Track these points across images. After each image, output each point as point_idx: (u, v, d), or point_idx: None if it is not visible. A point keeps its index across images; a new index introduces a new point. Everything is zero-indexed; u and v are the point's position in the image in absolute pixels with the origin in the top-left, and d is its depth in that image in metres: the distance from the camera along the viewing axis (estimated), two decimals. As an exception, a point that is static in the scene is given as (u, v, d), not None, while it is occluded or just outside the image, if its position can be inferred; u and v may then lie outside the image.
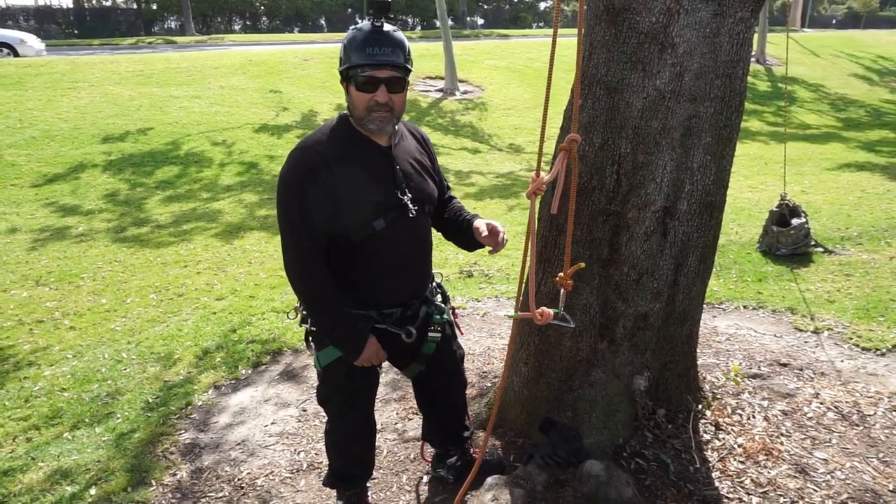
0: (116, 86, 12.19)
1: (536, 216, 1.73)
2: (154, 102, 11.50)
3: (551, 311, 1.81)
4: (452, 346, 2.41)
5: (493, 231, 2.12)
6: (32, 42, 17.02)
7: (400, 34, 1.98)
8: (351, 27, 2.01)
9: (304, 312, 2.17)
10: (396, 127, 2.12)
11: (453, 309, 2.42)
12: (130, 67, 13.39)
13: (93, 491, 2.72)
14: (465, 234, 2.24)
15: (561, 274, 1.87)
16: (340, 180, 1.97)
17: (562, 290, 1.87)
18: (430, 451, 2.73)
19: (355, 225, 2.01)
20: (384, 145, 2.07)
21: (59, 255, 5.98)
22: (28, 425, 3.26)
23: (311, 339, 2.19)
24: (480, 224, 2.16)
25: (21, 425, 3.26)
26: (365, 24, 1.97)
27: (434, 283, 2.35)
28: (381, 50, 1.91)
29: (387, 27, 1.95)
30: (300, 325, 2.22)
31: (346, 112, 2.09)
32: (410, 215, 2.06)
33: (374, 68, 1.91)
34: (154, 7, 39.91)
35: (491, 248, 2.15)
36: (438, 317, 2.28)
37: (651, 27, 2.22)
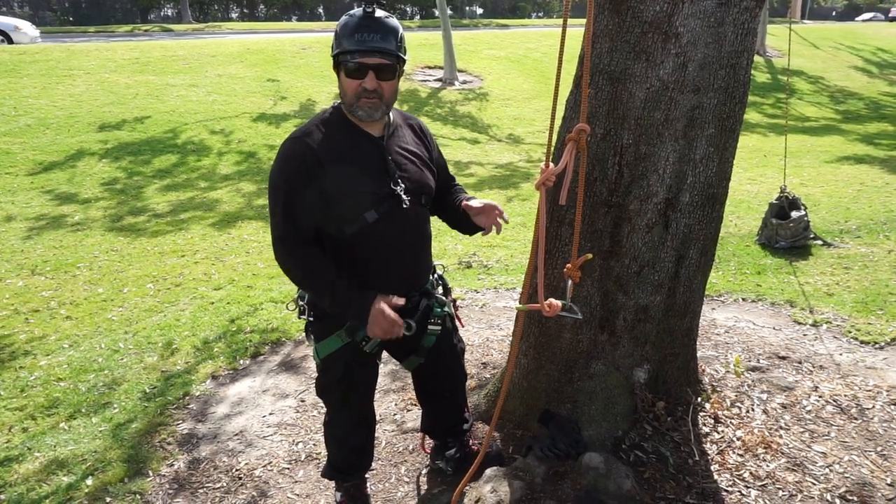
0: (112, 73, 12.09)
1: (545, 208, 1.71)
2: (151, 90, 11.42)
3: (559, 303, 1.80)
4: (453, 340, 2.39)
5: (486, 209, 2.10)
6: (27, 29, 16.88)
7: (392, 21, 1.97)
8: (345, 14, 1.99)
9: (302, 304, 2.16)
10: (391, 117, 2.10)
11: (454, 301, 2.40)
12: (127, 55, 13.28)
13: (89, 481, 2.70)
14: (463, 218, 2.22)
15: (569, 265, 1.85)
16: (330, 172, 1.95)
17: (569, 282, 1.86)
18: (429, 442, 2.72)
19: (346, 217, 1.99)
20: (376, 135, 2.05)
21: (56, 243, 5.95)
22: (24, 415, 3.24)
23: (310, 330, 2.18)
24: (474, 202, 2.13)
25: (17, 415, 3.25)
26: (357, 10, 1.95)
27: (435, 275, 2.33)
28: (371, 36, 1.89)
29: (379, 13, 1.94)
30: (298, 318, 2.21)
31: (340, 102, 2.07)
32: (404, 206, 2.04)
33: (364, 55, 1.90)
34: (150, -6, 39.58)
35: (484, 231, 2.13)
36: (439, 309, 2.27)
37: (655, 16, 2.19)
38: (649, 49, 2.23)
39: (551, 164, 1.79)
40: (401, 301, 2.02)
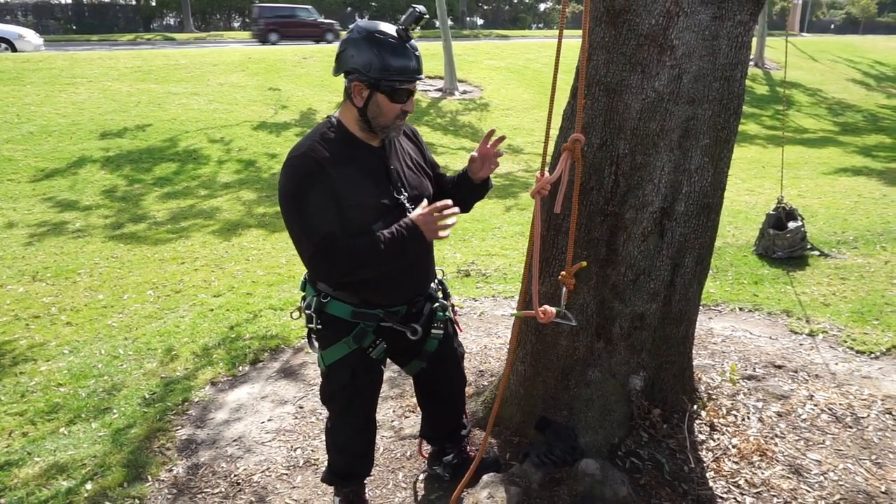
0: (115, 82, 12.17)
1: (540, 216, 1.75)
2: (152, 99, 11.49)
3: (553, 310, 1.83)
4: (454, 344, 2.43)
5: (482, 155, 2.16)
6: (31, 37, 17.03)
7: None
8: (372, 30, 1.94)
9: (309, 313, 2.16)
10: None
11: (452, 306, 2.43)
12: (129, 64, 13.38)
13: (89, 486, 2.72)
14: (461, 185, 2.27)
15: (563, 272, 1.89)
16: (338, 185, 1.96)
17: (563, 289, 1.89)
18: (426, 448, 2.74)
19: (354, 229, 2.01)
20: (376, 146, 2.09)
21: (56, 250, 5.98)
22: (24, 420, 3.26)
23: (314, 337, 2.20)
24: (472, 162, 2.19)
25: (17, 420, 3.26)
26: (389, 30, 1.94)
27: (436, 280, 2.36)
28: (416, 64, 1.97)
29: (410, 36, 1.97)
30: (306, 326, 2.21)
31: (335, 115, 2.09)
32: (408, 214, 2.07)
33: (411, 81, 1.97)
34: (153, 3, 39.87)
35: (482, 171, 2.19)
36: (442, 313, 2.30)
37: (650, 29, 2.23)
38: (645, 61, 2.27)
39: (547, 173, 1.83)
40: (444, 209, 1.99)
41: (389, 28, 1.95)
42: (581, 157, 1.81)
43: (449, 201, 2.01)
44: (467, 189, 2.27)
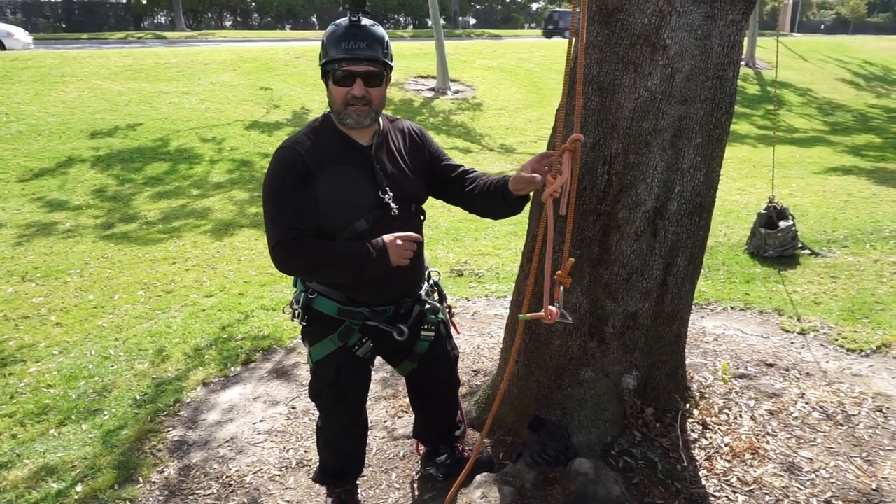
0: (105, 80, 12.08)
1: (552, 218, 1.74)
2: (143, 98, 11.41)
3: (557, 310, 1.83)
4: (447, 347, 2.41)
5: (534, 170, 1.96)
6: (20, 35, 16.90)
7: (378, 28, 2.00)
8: (331, 24, 2.03)
9: (297, 309, 2.17)
10: (381, 124, 2.12)
11: (450, 308, 2.43)
12: (119, 62, 13.28)
13: (79, 488, 2.69)
14: (501, 196, 2.09)
15: (559, 271, 1.89)
16: (321, 181, 1.98)
17: (561, 288, 1.89)
18: (422, 447, 2.73)
19: (336, 226, 2.01)
20: (365, 144, 2.08)
21: (46, 250, 5.93)
22: (13, 422, 3.22)
23: (304, 334, 2.20)
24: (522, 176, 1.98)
25: (6, 422, 3.23)
26: (343, 19, 1.99)
27: (431, 282, 2.35)
28: (358, 44, 1.93)
29: (364, 21, 1.97)
30: (293, 321, 2.22)
31: (330, 110, 2.10)
32: (393, 214, 2.07)
33: (351, 63, 1.93)
34: (144, 2, 39.62)
35: (526, 188, 2.02)
36: (433, 316, 2.29)
37: (643, 28, 2.23)
38: (638, 60, 2.27)
39: (558, 176, 1.82)
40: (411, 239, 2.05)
41: (345, 18, 1.99)
42: (579, 157, 1.81)
43: (419, 237, 2.07)
44: (504, 204, 2.09)
